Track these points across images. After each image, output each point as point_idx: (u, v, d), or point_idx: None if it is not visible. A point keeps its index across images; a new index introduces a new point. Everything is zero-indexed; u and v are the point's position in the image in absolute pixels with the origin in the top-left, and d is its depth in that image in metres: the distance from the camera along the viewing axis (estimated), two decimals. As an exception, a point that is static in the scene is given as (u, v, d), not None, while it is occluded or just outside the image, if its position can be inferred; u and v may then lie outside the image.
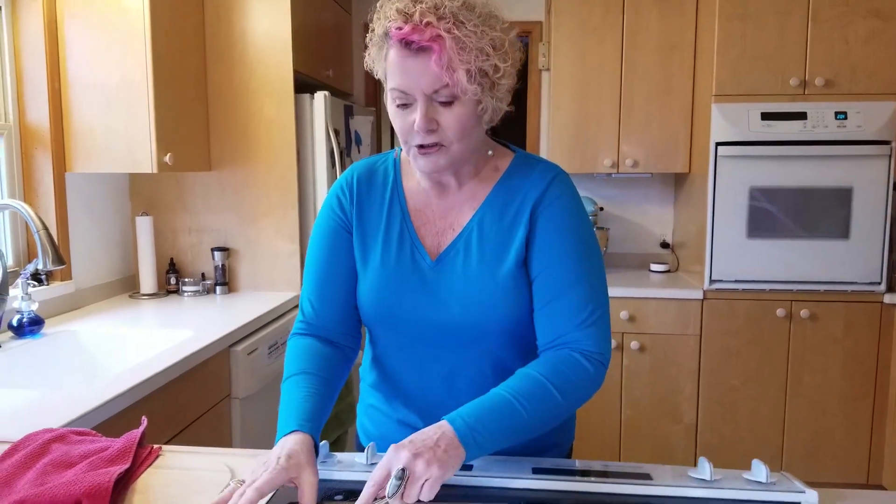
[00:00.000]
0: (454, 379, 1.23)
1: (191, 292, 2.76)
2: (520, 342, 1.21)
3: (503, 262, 1.17)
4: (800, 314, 2.93)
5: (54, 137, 2.38)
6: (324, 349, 1.22)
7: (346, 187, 1.26)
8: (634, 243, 3.63)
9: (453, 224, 1.21)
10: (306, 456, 1.00)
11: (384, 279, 1.21)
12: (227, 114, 2.75)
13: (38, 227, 1.85)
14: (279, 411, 1.12)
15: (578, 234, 1.17)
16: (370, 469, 1.12)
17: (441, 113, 1.08)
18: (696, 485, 1.07)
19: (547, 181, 1.18)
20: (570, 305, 1.14)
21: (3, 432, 1.30)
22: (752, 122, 2.85)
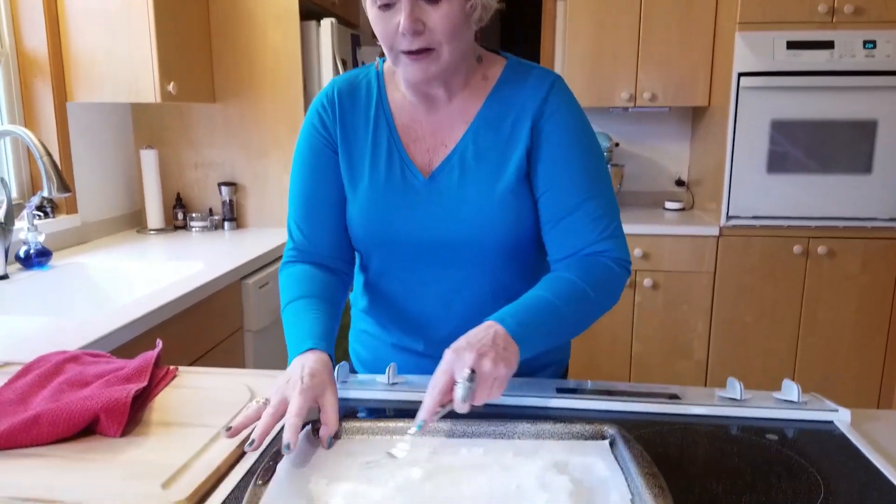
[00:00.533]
0: (451, 300, 1.19)
1: (199, 227, 2.72)
2: (519, 260, 1.17)
3: (502, 178, 1.11)
4: (817, 251, 2.89)
5: (53, 65, 2.31)
6: (320, 274, 1.17)
7: (328, 103, 1.17)
8: (649, 181, 3.56)
9: (445, 140, 1.14)
10: (328, 374, 0.97)
11: (374, 200, 1.14)
12: (232, 41, 2.66)
13: (42, 153, 1.80)
14: (287, 333, 1.08)
15: (586, 146, 1.12)
16: (391, 389, 1.09)
17: (427, 12, 0.99)
18: (727, 404, 1.04)
19: (545, 90, 1.10)
20: (587, 220, 1.09)
21: (17, 355, 1.28)
22: (777, 52, 2.75)
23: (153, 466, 0.85)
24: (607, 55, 3.15)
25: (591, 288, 1.04)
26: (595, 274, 1.06)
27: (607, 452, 0.86)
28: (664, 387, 1.11)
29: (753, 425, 0.99)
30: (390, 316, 1.26)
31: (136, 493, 0.79)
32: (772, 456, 0.89)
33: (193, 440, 0.92)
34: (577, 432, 0.90)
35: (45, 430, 0.93)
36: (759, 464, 0.87)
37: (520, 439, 0.90)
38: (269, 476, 0.80)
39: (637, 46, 3.12)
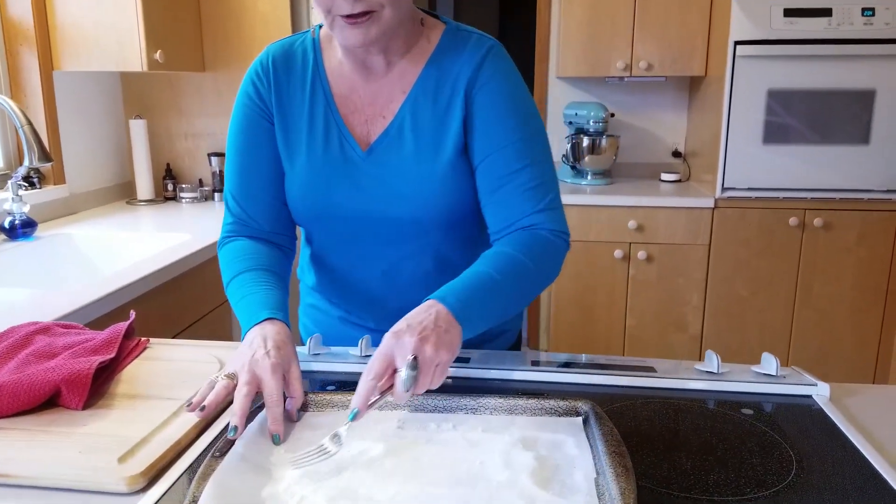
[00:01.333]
0: (395, 274, 1.17)
1: (188, 199, 2.70)
2: (461, 233, 1.15)
3: (441, 151, 1.08)
4: (813, 223, 2.86)
5: (39, 34, 2.27)
6: (262, 247, 1.13)
7: (262, 71, 1.12)
8: (645, 152, 3.52)
9: (383, 111, 1.10)
10: (292, 346, 0.95)
11: (312, 174, 1.11)
12: (220, 9, 2.61)
13: (22, 122, 1.77)
14: (237, 305, 1.04)
15: (521, 113, 1.07)
16: (364, 361, 1.07)
17: None
18: (703, 377, 1.03)
19: (479, 57, 1.07)
20: (522, 190, 1.05)
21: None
22: (773, 19, 2.69)
23: (113, 440, 0.84)
24: (603, 24, 3.09)
25: (532, 262, 1.01)
26: (535, 248, 1.03)
27: (579, 430, 0.84)
28: (641, 360, 1.09)
29: (730, 399, 0.97)
30: (336, 291, 1.25)
31: (92, 468, 0.78)
32: (745, 431, 0.87)
33: (157, 413, 0.90)
34: (550, 408, 0.88)
35: (5, 402, 0.92)
36: (731, 439, 0.85)
37: (491, 414, 0.88)
38: (227, 449, 0.78)
39: (633, 15, 3.06)
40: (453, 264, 1.12)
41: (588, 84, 3.47)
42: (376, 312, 1.23)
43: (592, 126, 3.17)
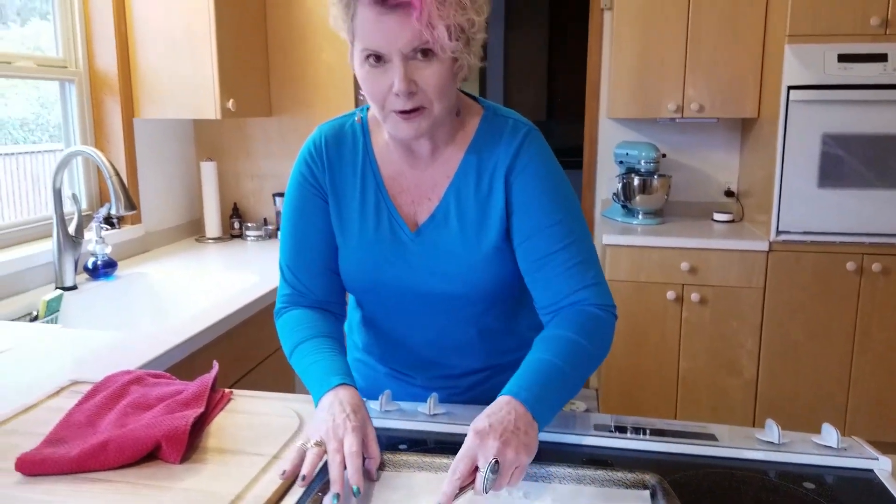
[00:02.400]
0: (441, 341, 1.25)
1: (253, 237, 2.82)
2: (503, 305, 1.23)
3: (484, 234, 1.15)
4: (871, 268, 2.83)
5: (122, 84, 2.42)
6: (319, 316, 1.21)
7: (316, 154, 1.21)
8: (697, 191, 3.53)
9: (429, 194, 1.18)
10: (365, 409, 1.02)
11: (364, 252, 1.19)
12: (287, 59, 2.75)
13: (111, 173, 1.90)
14: (304, 372, 1.11)
15: (558, 195, 1.14)
16: (433, 420, 1.14)
17: (419, 71, 1.02)
18: (764, 447, 1.06)
19: (517, 144, 1.14)
20: (566, 268, 1.12)
21: (84, 373, 1.37)
22: (827, 65, 2.70)
23: (209, 496, 0.91)
24: (654, 66, 3.13)
25: (589, 342, 1.07)
26: (588, 326, 1.09)
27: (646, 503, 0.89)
28: (701, 426, 1.13)
29: (790, 471, 1.00)
30: (384, 351, 1.32)
31: (195, 524, 0.86)
32: (807, 506, 0.91)
33: (246, 469, 0.98)
34: (617, 480, 0.93)
35: (112, 456, 1.00)
36: (793, 514, 0.88)
37: (561, 483, 0.93)
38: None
39: (684, 57, 3.09)
40: (495, 332, 1.22)
41: (639, 124, 3.51)
42: (425, 372, 1.31)
43: (644, 166, 3.21)
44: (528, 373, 1.01)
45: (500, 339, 1.27)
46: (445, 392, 1.27)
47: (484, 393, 1.29)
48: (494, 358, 1.28)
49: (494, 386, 1.28)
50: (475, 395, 1.30)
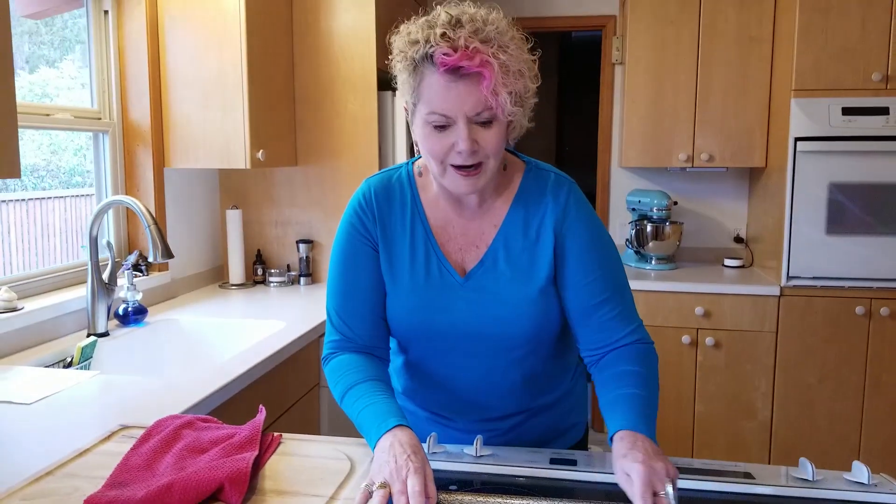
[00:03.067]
0: (486, 384, 1.30)
1: (276, 283, 2.88)
2: (546, 349, 1.29)
3: (533, 278, 1.23)
4: (879, 312, 2.89)
5: (155, 134, 2.51)
6: (367, 360, 1.26)
7: (366, 205, 1.28)
8: (707, 237, 3.61)
9: (476, 242, 1.26)
10: (423, 450, 1.07)
11: (416, 297, 1.25)
12: (313, 110, 2.85)
13: (149, 222, 1.97)
14: (359, 414, 1.16)
15: (604, 248, 1.26)
16: (479, 461, 1.18)
17: (480, 133, 1.11)
18: (799, 485, 1.11)
19: (565, 197, 1.25)
20: (613, 316, 1.24)
21: (132, 418, 1.41)
22: (832, 117, 2.81)
23: (278, 535, 0.96)
24: (665, 118, 3.24)
25: (651, 372, 1.21)
26: (647, 360, 1.22)
27: None
28: (736, 464, 1.18)
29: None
30: (427, 395, 1.37)
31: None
32: (844, 542, 0.95)
33: (308, 510, 1.02)
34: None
35: (176, 498, 1.05)
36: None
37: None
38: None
39: (694, 109, 3.21)
40: (536, 375, 1.29)
41: (650, 172, 3.61)
42: (467, 415, 1.36)
43: (656, 213, 3.29)
44: (629, 408, 1.12)
45: (540, 382, 1.33)
46: (486, 434, 1.32)
47: (522, 435, 1.35)
48: (534, 400, 1.34)
49: (532, 427, 1.35)
50: (514, 436, 1.35)
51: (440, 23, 1.10)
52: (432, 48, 1.08)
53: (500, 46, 1.08)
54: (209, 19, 2.45)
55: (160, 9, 2.49)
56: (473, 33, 1.07)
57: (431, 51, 1.08)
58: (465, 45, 1.06)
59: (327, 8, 2.79)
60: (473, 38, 1.07)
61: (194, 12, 2.46)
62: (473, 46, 1.06)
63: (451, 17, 1.10)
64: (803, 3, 2.81)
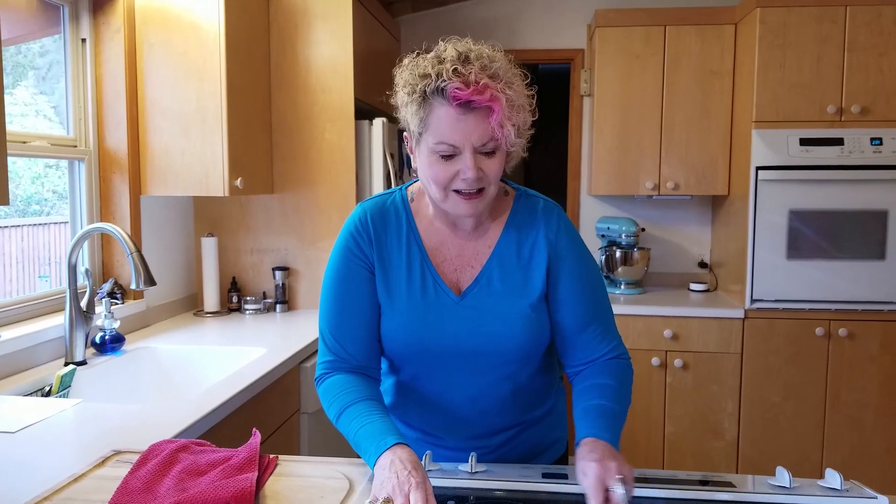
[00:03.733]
0: (478, 400, 1.35)
1: (252, 310, 2.88)
2: (535, 364, 1.36)
3: (526, 295, 1.30)
4: (838, 333, 3.01)
5: (131, 162, 2.51)
6: (361, 380, 1.30)
7: (362, 228, 1.32)
8: (674, 262, 3.73)
9: (471, 262, 1.32)
10: (422, 466, 1.11)
11: (413, 317, 1.30)
12: (290, 138, 2.88)
13: (132, 250, 1.98)
14: (356, 433, 1.19)
15: (591, 270, 1.35)
16: (473, 477, 1.22)
17: (483, 162, 1.19)
18: (778, 492, 1.17)
19: (556, 221, 1.33)
20: (598, 333, 1.32)
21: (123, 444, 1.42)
22: (791, 148, 2.95)
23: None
24: (632, 147, 3.36)
25: (623, 386, 1.29)
26: (621, 375, 1.31)
27: None
28: (719, 475, 1.24)
29: (804, 514, 1.11)
30: (418, 415, 1.41)
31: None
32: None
33: (314, 526, 1.05)
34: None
35: (184, 517, 1.07)
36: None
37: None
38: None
39: (659, 140, 3.33)
40: (527, 390, 1.36)
41: (618, 200, 3.72)
42: (457, 433, 1.40)
43: (624, 240, 3.39)
44: (595, 417, 1.20)
45: (528, 398, 1.38)
46: (478, 452, 1.35)
47: (514, 450, 1.40)
48: (523, 415, 1.39)
49: (521, 443, 1.40)
50: (505, 452, 1.39)
51: (450, 58, 1.16)
52: (444, 82, 1.13)
53: (506, 82, 1.15)
54: (189, 48, 2.49)
55: (139, 37, 2.51)
56: (482, 69, 1.14)
57: (444, 84, 1.13)
58: (476, 81, 1.12)
59: (305, 39, 2.84)
60: (482, 73, 1.13)
61: (173, 41, 2.49)
62: (483, 82, 1.13)
63: (460, 54, 1.16)
64: (762, 39, 2.97)
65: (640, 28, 3.29)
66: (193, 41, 2.48)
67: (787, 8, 2.94)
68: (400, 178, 3.13)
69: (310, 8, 2.83)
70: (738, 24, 3.21)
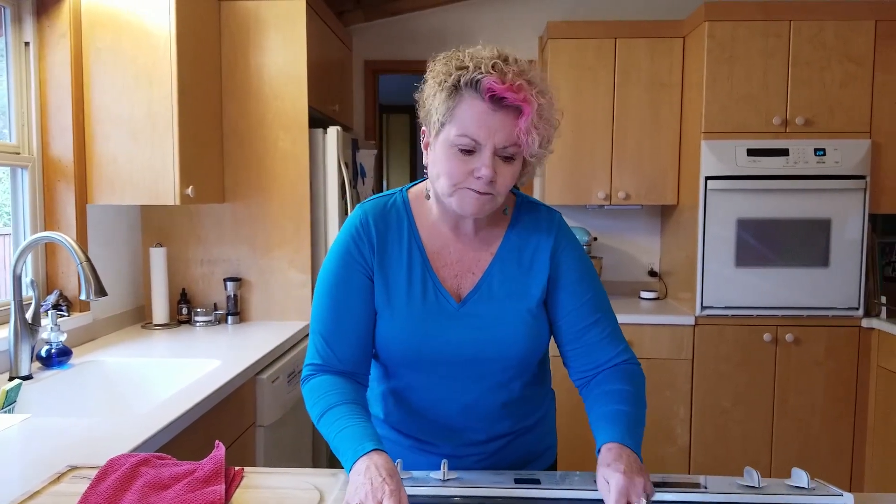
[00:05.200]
0: (474, 407, 1.34)
1: (202, 322, 2.81)
2: (531, 371, 1.35)
3: (526, 301, 1.29)
4: (785, 338, 3.10)
5: (77, 170, 2.43)
6: (348, 383, 1.27)
7: (364, 232, 1.30)
8: (625, 271, 3.79)
9: (472, 268, 1.31)
10: (398, 474, 1.09)
11: (413, 323, 1.28)
12: (242, 147, 2.83)
13: (82, 259, 1.90)
14: (336, 436, 1.17)
15: (591, 274, 1.35)
16: (445, 485, 1.20)
17: (499, 167, 1.18)
18: (747, 492, 1.19)
19: (557, 227, 1.33)
20: (603, 337, 1.31)
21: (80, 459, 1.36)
22: (738, 158, 3.04)
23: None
24: (584, 158, 3.41)
25: (639, 390, 1.28)
26: (635, 380, 1.30)
27: None
28: (687, 476, 1.25)
29: (772, 511, 1.13)
30: (412, 423, 1.38)
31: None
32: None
33: (287, 538, 1.02)
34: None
35: (150, 532, 1.02)
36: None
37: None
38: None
39: (611, 150, 3.39)
40: (523, 398, 1.34)
41: (571, 209, 3.76)
42: (452, 440, 1.37)
43: (577, 249, 3.43)
44: (618, 423, 1.19)
45: (526, 404, 1.37)
46: (471, 458, 1.35)
47: (507, 456, 1.39)
48: (519, 422, 1.38)
49: (515, 449, 1.39)
50: (499, 458, 1.38)
51: (490, 55, 1.16)
52: (482, 74, 1.13)
53: (540, 91, 1.15)
54: (138, 54, 2.42)
55: (85, 42, 2.43)
56: (520, 73, 1.14)
57: (481, 76, 1.13)
58: (513, 81, 1.12)
59: (257, 46, 2.80)
60: (520, 76, 1.13)
61: (122, 46, 2.42)
62: (519, 83, 1.12)
63: (500, 53, 1.17)
64: (710, 53, 3.05)
65: (592, 40, 3.35)
66: (143, 46, 2.42)
67: (734, 22, 3.03)
68: (354, 188, 3.10)
69: (262, 15, 2.80)
70: (686, 37, 3.30)
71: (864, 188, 3.03)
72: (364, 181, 3.30)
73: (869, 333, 3.10)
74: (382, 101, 4.08)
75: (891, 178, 3.09)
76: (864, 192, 3.03)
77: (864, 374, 3.11)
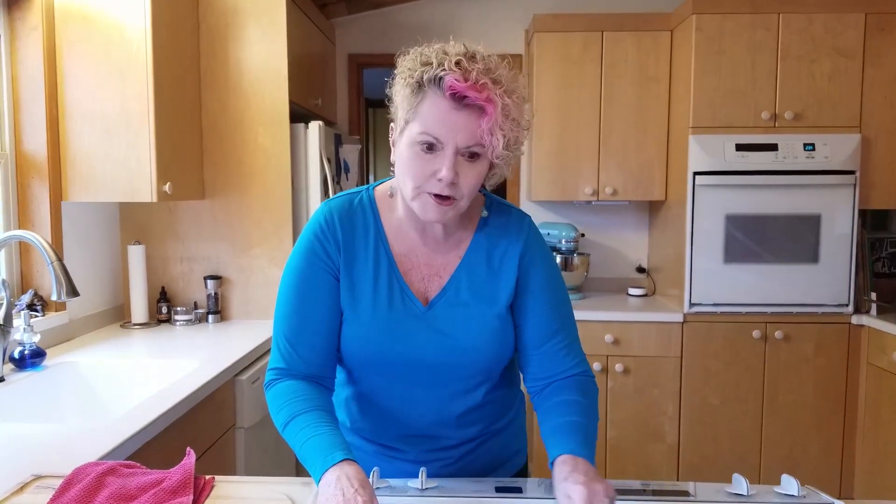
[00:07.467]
0: (440, 413, 1.30)
1: (182, 321, 2.75)
2: (494, 377, 1.31)
3: (494, 306, 1.25)
4: (774, 335, 3.08)
5: (52, 166, 2.36)
6: (313, 388, 1.22)
7: (329, 231, 1.25)
8: (613, 268, 3.75)
9: (440, 271, 1.27)
10: (370, 483, 1.04)
11: (378, 326, 1.24)
12: (222, 143, 2.77)
13: (52, 259, 1.84)
14: (303, 445, 1.12)
15: (559, 281, 1.31)
16: (424, 494, 1.16)
17: (462, 169, 1.13)
18: (735, 500, 1.15)
19: (527, 231, 1.29)
20: (562, 347, 1.28)
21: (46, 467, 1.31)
22: (727, 153, 3.00)
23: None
24: (571, 153, 3.36)
25: (591, 401, 1.25)
26: (588, 391, 1.27)
27: None
28: (674, 484, 1.21)
29: (761, 521, 1.10)
30: (379, 428, 1.34)
31: None
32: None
33: (256, 554, 0.97)
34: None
35: (110, 549, 0.97)
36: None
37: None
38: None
39: (598, 145, 3.35)
40: (490, 402, 1.31)
41: (558, 206, 3.73)
42: (418, 445, 1.33)
43: (565, 245, 3.39)
44: (570, 434, 1.15)
45: (492, 408, 1.33)
46: (438, 464, 1.30)
47: (474, 462, 1.34)
48: (488, 426, 1.34)
49: (482, 454, 1.35)
50: (466, 463, 1.34)
51: (455, 52, 1.12)
52: (444, 72, 1.09)
53: (506, 90, 1.10)
54: (112, 47, 2.35)
55: (58, 36, 2.37)
56: (486, 71, 1.09)
57: (443, 73, 1.09)
58: (476, 79, 1.08)
59: (236, 39, 2.74)
60: (485, 74, 1.09)
61: (96, 40, 2.36)
62: (483, 82, 1.08)
63: (468, 51, 1.12)
64: (698, 46, 3.01)
65: (578, 34, 3.30)
66: (117, 40, 2.35)
67: (722, 15, 2.99)
68: (337, 184, 3.05)
69: (241, 7, 2.73)
70: (673, 30, 3.26)
71: (853, 183, 3.00)
72: (348, 176, 3.25)
73: (859, 330, 3.07)
74: (369, 96, 4.01)
75: (880, 174, 3.06)
76: (854, 188, 3.00)
77: (854, 371, 3.09)
